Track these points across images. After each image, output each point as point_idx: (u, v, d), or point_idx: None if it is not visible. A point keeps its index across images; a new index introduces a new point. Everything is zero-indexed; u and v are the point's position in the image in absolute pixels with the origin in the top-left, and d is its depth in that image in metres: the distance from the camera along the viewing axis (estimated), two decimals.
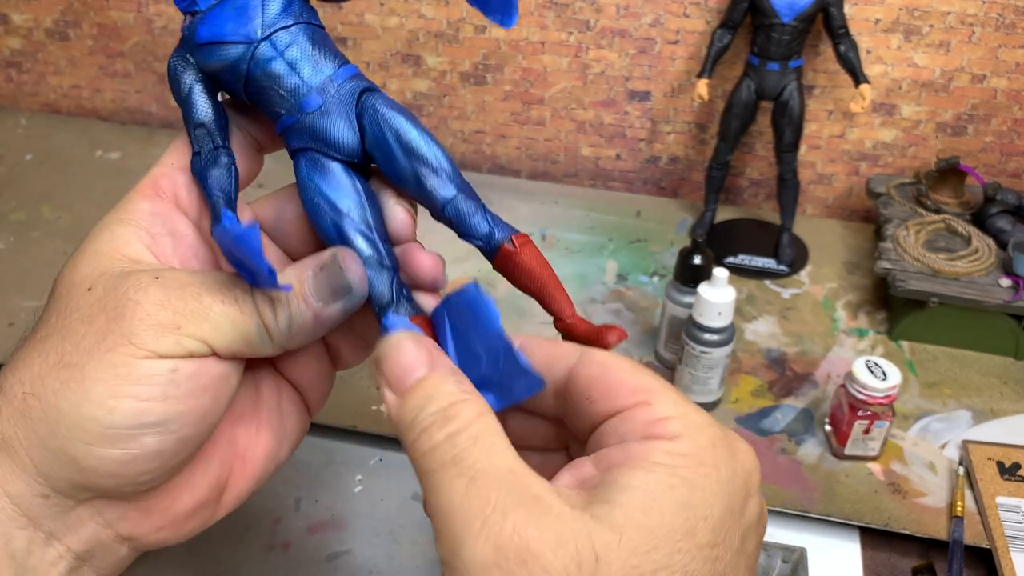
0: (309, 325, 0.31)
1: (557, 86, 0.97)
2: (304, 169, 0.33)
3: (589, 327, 0.33)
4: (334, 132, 0.32)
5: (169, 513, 0.32)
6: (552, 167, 1.03)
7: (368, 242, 0.32)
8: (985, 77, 0.86)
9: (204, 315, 0.29)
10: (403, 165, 0.32)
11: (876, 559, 0.59)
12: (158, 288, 0.29)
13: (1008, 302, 0.72)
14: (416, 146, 0.32)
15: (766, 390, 0.72)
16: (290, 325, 0.30)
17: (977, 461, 0.64)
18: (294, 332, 0.31)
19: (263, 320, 0.30)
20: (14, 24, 1.06)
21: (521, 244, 0.33)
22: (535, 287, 0.33)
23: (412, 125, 0.32)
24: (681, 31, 0.90)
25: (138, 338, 0.28)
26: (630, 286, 0.84)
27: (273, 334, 0.30)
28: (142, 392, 0.28)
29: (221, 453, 0.33)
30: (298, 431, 0.37)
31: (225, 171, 0.32)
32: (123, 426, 0.28)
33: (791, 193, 0.86)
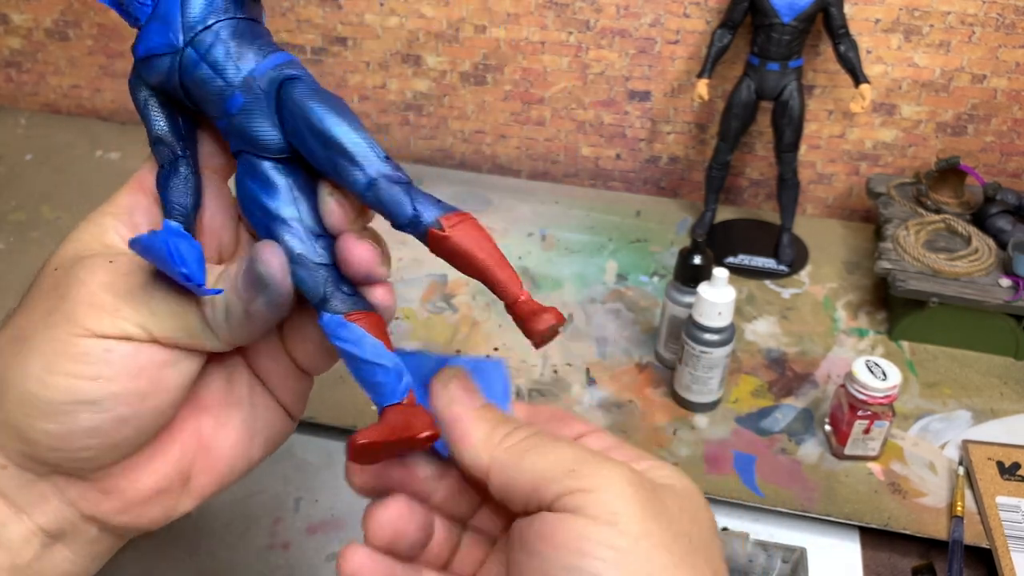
0: (243, 319, 0.31)
1: (557, 86, 0.97)
2: (239, 173, 0.32)
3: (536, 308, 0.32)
4: (258, 131, 0.31)
5: (128, 495, 0.33)
6: (552, 167, 1.03)
7: (298, 239, 0.31)
8: (985, 77, 0.86)
9: (145, 301, 0.30)
10: (320, 156, 0.31)
11: (876, 559, 0.59)
12: (107, 271, 0.30)
13: (1008, 302, 0.72)
14: (329, 134, 0.31)
15: (766, 390, 0.72)
16: (228, 318, 0.31)
17: (977, 461, 0.64)
18: (233, 326, 0.31)
19: (204, 313, 0.31)
20: (14, 24, 1.06)
21: (451, 225, 0.31)
22: (476, 269, 0.32)
23: (327, 112, 0.31)
24: (681, 31, 0.90)
25: (77, 316, 0.29)
26: (630, 286, 0.84)
27: (213, 327, 0.31)
28: (76, 370, 0.29)
29: (183, 441, 0.34)
30: (274, 432, 0.37)
31: (183, 182, 0.33)
32: (57, 401, 0.29)
33: (791, 193, 0.86)
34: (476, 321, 0.78)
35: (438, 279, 0.83)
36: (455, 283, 0.82)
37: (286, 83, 0.31)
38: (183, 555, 0.58)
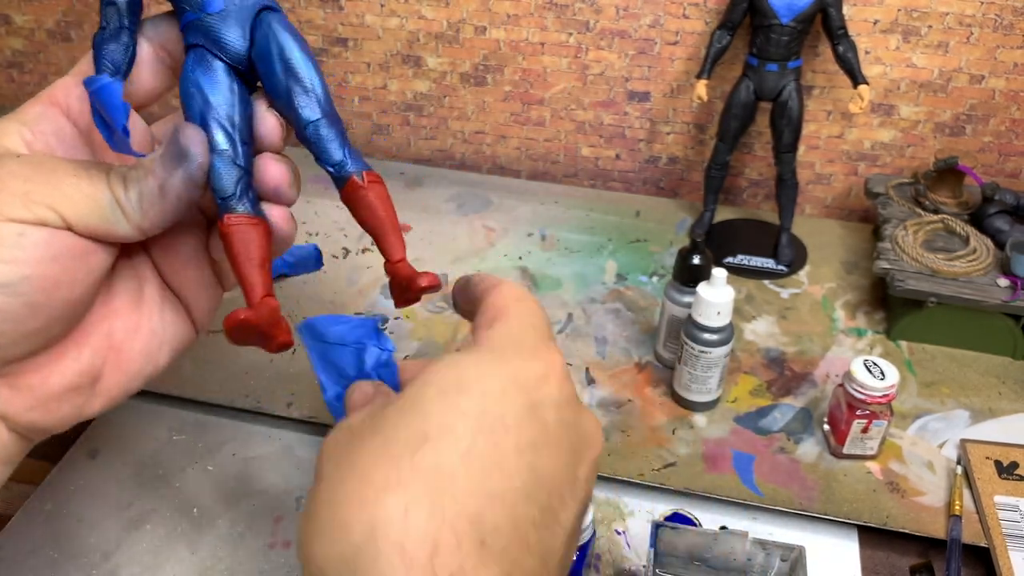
0: (156, 197, 0.32)
1: (557, 87, 0.97)
2: (190, 62, 0.35)
3: (410, 272, 0.38)
4: (226, 35, 0.34)
5: (38, 392, 0.34)
6: (552, 167, 1.03)
7: (226, 136, 0.34)
8: (983, 77, 0.87)
9: (56, 185, 0.31)
10: (280, 79, 0.34)
11: (874, 558, 0.60)
12: (16, 163, 0.31)
13: (1006, 302, 0.72)
14: (295, 65, 0.34)
15: (765, 389, 0.72)
16: (140, 199, 0.32)
17: (975, 460, 0.64)
18: (145, 207, 0.32)
19: (115, 194, 0.32)
20: (16, 25, 1.06)
21: (370, 181, 0.36)
22: (374, 224, 0.36)
23: (297, 47, 0.35)
24: (680, 32, 0.91)
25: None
26: (630, 286, 0.84)
27: (125, 208, 0.32)
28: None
29: (95, 342, 0.35)
30: (180, 340, 0.39)
31: (122, 48, 0.34)
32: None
33: (790, 193, 0.87)
34: None
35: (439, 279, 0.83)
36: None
37: (267, 11, 0.35)
38: (184, 554, 0.58)
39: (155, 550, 0.59)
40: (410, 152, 1.05)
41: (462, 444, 0.28)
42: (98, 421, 0.68)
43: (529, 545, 0.29)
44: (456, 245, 0.89)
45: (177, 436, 0.67)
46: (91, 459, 0.65)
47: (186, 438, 0.67)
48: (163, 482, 0.63)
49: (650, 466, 0.64)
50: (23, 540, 0.59)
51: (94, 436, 0.67)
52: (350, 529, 0.27)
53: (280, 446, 0.66)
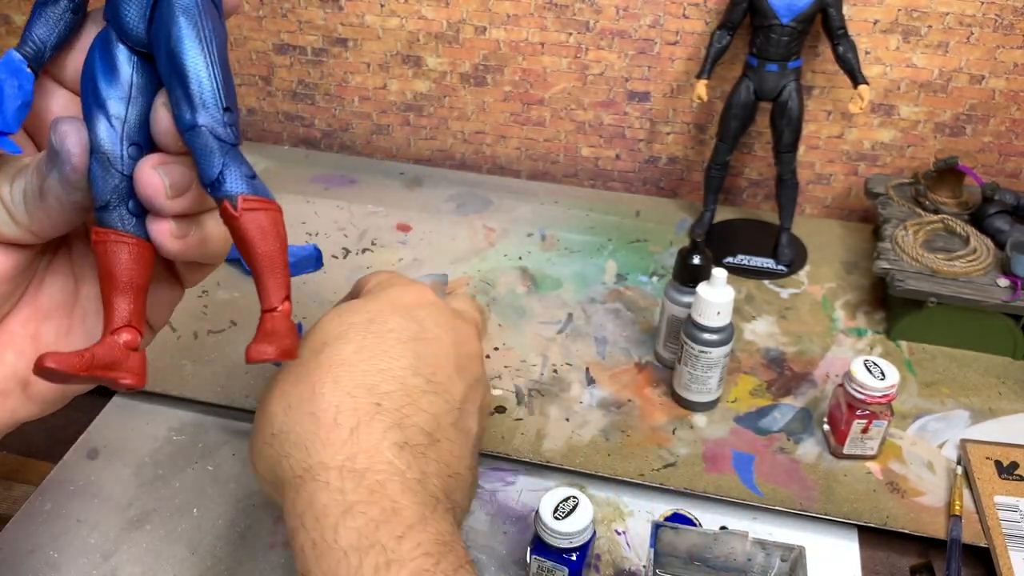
0: (37, 199, 0.30)
1: (557, 87, 0.97)
2: (96, 42, 0.30)
3: (278, 328, 0.30)
4: (126, 15, 0.29)
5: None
6: (552, 167, 1.03)
7: (109, 134, 0.29)
8: (983, 78, 0.87)
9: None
10: (164, 73, 0.29)
11: (874, 558, 0.60)
12: None
13: (1006, 302, 0.72)
14: (180, 58, 0.28)
15: (765, 389, 0.72)
16: (24, 200, 0.30)
17: (975, 460, 0.64)
18: (29, 209, 0.30)
19: (2, 198, 0.30)
20: (16, 25, 1.06)
21: (245, 209, 0.29)
22: (249, 261, 0.30)
23: (191, 36, 0.28)
24: (680, 32, 0.91)
25: None
26: (629, 286, 0.84)
27: (11, 210, 0.30)
28: None
29: (18, 345, 0.33)
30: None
31: (55, 17, 0.31)
32: None
33: (790, 193, 0.87)
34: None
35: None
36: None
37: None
38: (184, 554, 0.58)
39: (155, 550, 0.59)
40: (410, 152, 1.05)
41: (353, 342, 0.38)
42: (98, 421, 0.68)
43: (420, 406, 0.38)
44: (456, 245, 0.89)
45: (177, 436, 0.67)
46: (91, 459, 0.65)
47: (186, 438, 0.67)
48: (163, 482, 0.63)
49: (650, 466, 0.64)
50: (23, 540, 0.59)
51: (94, 436, 0.67)
52: (274, 418, 0.36)
53: None
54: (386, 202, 0.95)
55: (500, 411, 0.69)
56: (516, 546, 0.59)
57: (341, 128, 1.05)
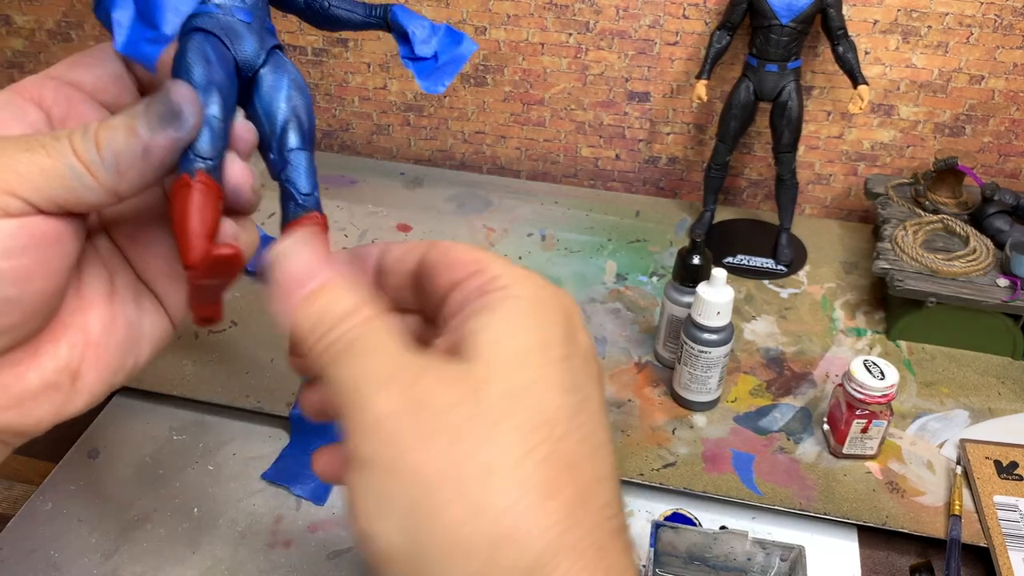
0: (138, 158, 0.30)
1: (557, 87, 0.97)
2: (198, 37, 0.32)
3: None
4: (245, 42, 0.33)
5: (14, 391, 0.32)
6: (552, 168, 1.03)
7: (221, 108, 0.32)
8: (983, 78, 0.87)
9: (9, 167, 0.29)
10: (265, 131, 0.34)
11: (874, 557, 0.60)
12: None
13: (1005, 302, 0.72)
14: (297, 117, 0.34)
15: (764, 389, 0.72)
16: (117, 160, 0.30)
17: (975, 460, 0.64)
18: (123, 169, 0.30)
19: (82, 160, 0.30)
20: (16, 25, 1.07)
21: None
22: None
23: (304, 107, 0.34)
24: (680, 32, 0.91)
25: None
26: (629, 286, 0.84)
27: (96, 172, 0.30)
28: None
29: (71, 336, 0.33)
30: (158, 334, 0.37)
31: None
32: None
33: (789, 193, 0.87)
34: None
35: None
36: None
37: (281, 50, 0.34)
38: (184, 554, 0.58)
39: (155, 550, 0.59)
40: (410, 152, 1.05)
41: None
42: (98, 421, 0.68)
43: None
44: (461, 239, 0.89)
45: (177, 436, 0.67)
46: (91, 459, 0.65)
47: (186, 438, 0.67)
48: (163, 482, 0.63)
49: (650, 466, 0.64)
50: (23, 540, 0.59)
51: (94, 436, 0.67)
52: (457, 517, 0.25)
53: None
54: (386, 202, 0.95)
55: None
56: None
57: (341, 128, 1.05)
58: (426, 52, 0.38)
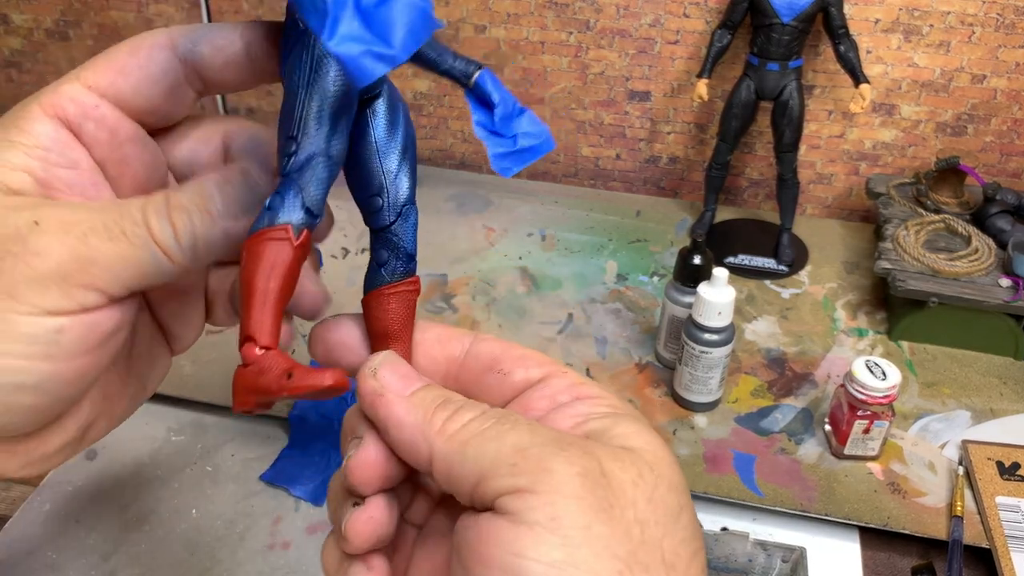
0: (219, 241, 0.29)
1: (557, 86, 0.97)
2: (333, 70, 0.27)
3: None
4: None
5: (36, 454, 0.31)
6: (552, 167, 1.03)
7: (342, 148, 0.28)
8: (985, 77, 0.86)
9: (92, 258, 0.27)
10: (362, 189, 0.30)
11: (876, 559, 0.59)
12: (39, 235, 0.26)
13: (1007, 302, 0.72)
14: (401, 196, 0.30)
15: (765, 390, 0.72)
16: (195, 244, 0.28)
17: (977, 461, 0.64)
18: (201, 252, 0.28)
19: (160, 246, 0.28)
20: (14, 24, 1.06)
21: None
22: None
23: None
24: (681, 31, 0.90)
25: (19, 292, 0.26)
26: (630, 286, 0.84)
27: (175, 257, 0.28)
28: (20, 350, 0.26)
29: (93, 398, 0.32)
30: (162, 374, 0.36)
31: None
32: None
33: (791, 193, 0.86)
34: (476, 321, 0.78)
35: (438, 279, 0.83)
36: (455, 283, 0.82)
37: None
38: (184, 555, 0.58)
39: (153, 551, 0.58)
40: None
41: None
42: None
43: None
44: (456, 245, 0.89)
45: (176, 437, 0.67)
46: (90, 459, 0.65)
47: (185, 438, 0.67)
48: (162, 483, 0.63)
49: None
50: (23, 540, 0.59)
51: None
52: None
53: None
54: None
55: None
56: None
57: None
58: (507, 131, 0.34)
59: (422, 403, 0.28)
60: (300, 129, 0.27)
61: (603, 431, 0.27)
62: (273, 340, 0.26)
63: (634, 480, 0.26)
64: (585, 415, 0.28)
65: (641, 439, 0.27)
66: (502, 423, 0.26)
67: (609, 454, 0.26)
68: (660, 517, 0.26)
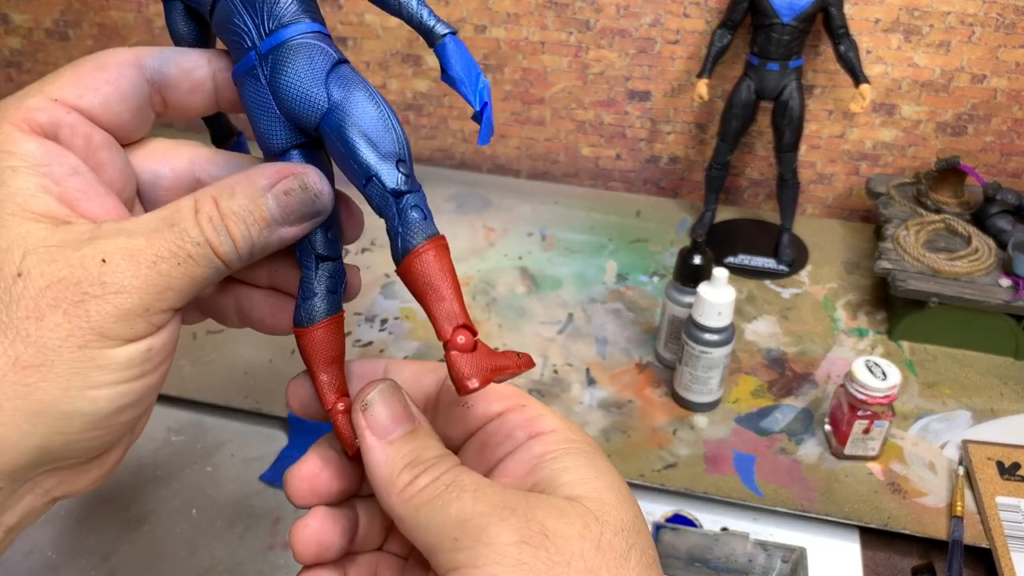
0: (275, 246, 0.30)
1: (557, 86, 0.97)
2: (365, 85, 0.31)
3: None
4: None
5: (106, 466, 0.32)
6: (552, 167, 1.03)
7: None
8: (985, 77, 0.86)
9: (167, 285, 0.28)
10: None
11: (876, 559, 0.59)
12: (111, 273, 0.27)
13: (1008, 302, 0.72)
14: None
15: (766, 390, 0.72)
16: (252, 251, 0.30)
17: (977, 461, 0.64)
18: (255, 256, 0.30)
19: (221, 259, 0.29)
20: (14, 24, 1.06)
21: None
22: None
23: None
24: (681, 31, 0.90)
25: (109, 330, 0.27)
26: (630, 286, 0.84)
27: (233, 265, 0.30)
28: (121, 377, 0.28)
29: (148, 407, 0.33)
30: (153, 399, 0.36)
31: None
32: (106, 412, 0.28)
33: (791, 193, 0.86)
34: (476, 321, 0.78)
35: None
36: None
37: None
38: (183, 555, 0.58)
39: (153, 552, 0.58)
40: None
41: None
42: None
43: None
44: (456, 245, 0.89)
45: (175, 437, 0.67)
46: None
47: (185, 438, 0.67)
48: (161, 483, 0.63)
49: (651, 467, 0.64)
50: (22, 540, 0.59)
51: None
52: None
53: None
54: None
55: None
56: None
57: None
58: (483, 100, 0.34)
59: (392, 459, 0.29)
60: (400, 145, 0.31)
61: (551, 479, 0.29)
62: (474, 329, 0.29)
63: (580, 533, 0.27)
64: (538, 457, 0.30)
65: (587, 486, 0.29)
66: (451, 490, 0.27)
67: (553, 511, 0.27)
68: (610, 561, 0.27)
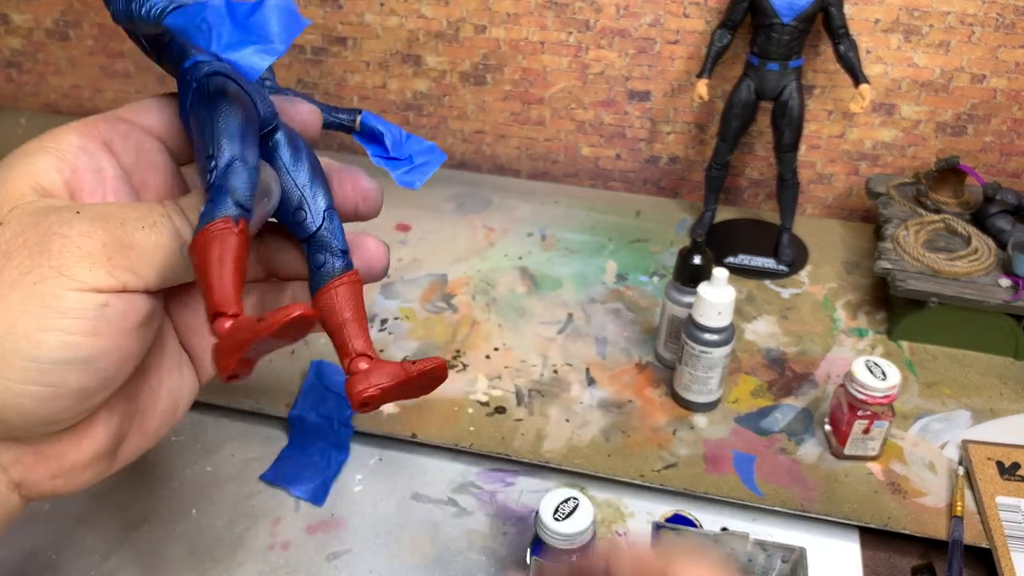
0: None
1: (557, 86, 0.97)
2: (231, 84, 0.32)
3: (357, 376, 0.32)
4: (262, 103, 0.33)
5: (66, 461, 0.31)
6: (552, 167, 1.03)
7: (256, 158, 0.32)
8: (985, 77, 0.86)
9: (129, 243, 0.29)
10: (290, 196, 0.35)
11: (876, 559, 0.59)
12: (81, 220, 0.29)
13: (1007, 302, 0.72)
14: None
15: (765, 390, 0.72)
16: None
17: (977, 461, 0.64)
18: None
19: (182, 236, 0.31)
20: (14, 24, 1.06)
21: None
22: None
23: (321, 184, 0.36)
24: (681, 31, 0.90)
25: (68, 270, 0.27)
26: (630, 286, 0.84)
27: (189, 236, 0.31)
28: (71, 326, 0.27)
29: (123, 406, 0.33)
30: (190, 396, 0.37)
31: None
32: (49, 360, 0.27)
33: (791, 193, 0.86)
34: (476, 321, 0.78)
35: (438, 279, 0.83)
36: (455, 283, 0.82)
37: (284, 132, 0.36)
38: (183, 555, 0.58)
39: (153, 552, 0.58)
40: None
41: None
42: None
43: None
44: (456, 245, 0.89)
45: (175, 437, 0.67)
46: None
47: (185, 438, 0.67)
48: (162, 483, 0.63)
49: (650, 467, 0.64)
50: (22, 540, 0.59)
51: None
52: None
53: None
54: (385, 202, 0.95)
55: (500, 412, 0.68)
56: (516, 547, 0.59)
57: None
58: (401, 154, 0.42)
59: None
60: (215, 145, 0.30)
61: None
62: (239, 308, 0.28)
63: None
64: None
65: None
66: None
67: None
68: None
